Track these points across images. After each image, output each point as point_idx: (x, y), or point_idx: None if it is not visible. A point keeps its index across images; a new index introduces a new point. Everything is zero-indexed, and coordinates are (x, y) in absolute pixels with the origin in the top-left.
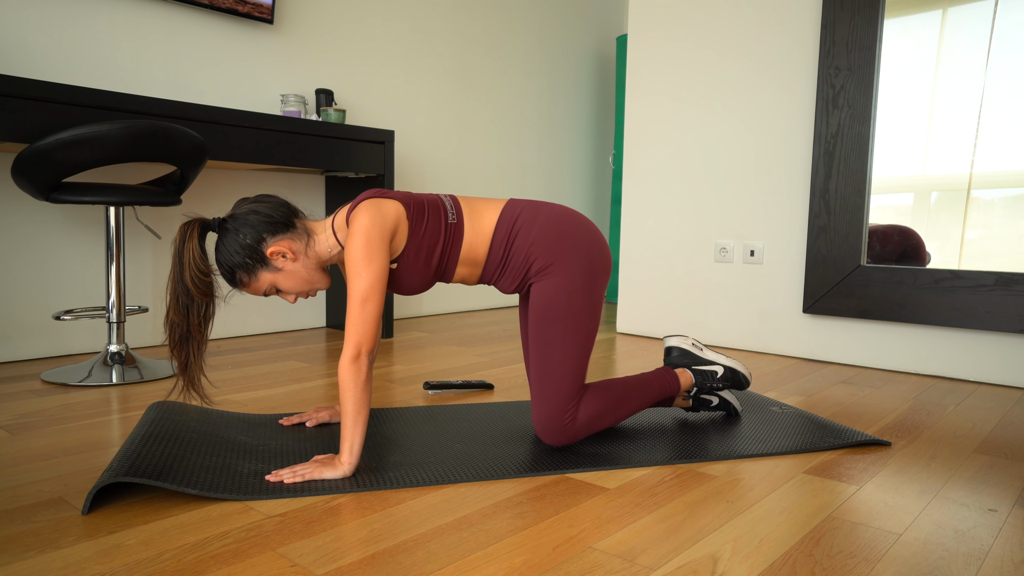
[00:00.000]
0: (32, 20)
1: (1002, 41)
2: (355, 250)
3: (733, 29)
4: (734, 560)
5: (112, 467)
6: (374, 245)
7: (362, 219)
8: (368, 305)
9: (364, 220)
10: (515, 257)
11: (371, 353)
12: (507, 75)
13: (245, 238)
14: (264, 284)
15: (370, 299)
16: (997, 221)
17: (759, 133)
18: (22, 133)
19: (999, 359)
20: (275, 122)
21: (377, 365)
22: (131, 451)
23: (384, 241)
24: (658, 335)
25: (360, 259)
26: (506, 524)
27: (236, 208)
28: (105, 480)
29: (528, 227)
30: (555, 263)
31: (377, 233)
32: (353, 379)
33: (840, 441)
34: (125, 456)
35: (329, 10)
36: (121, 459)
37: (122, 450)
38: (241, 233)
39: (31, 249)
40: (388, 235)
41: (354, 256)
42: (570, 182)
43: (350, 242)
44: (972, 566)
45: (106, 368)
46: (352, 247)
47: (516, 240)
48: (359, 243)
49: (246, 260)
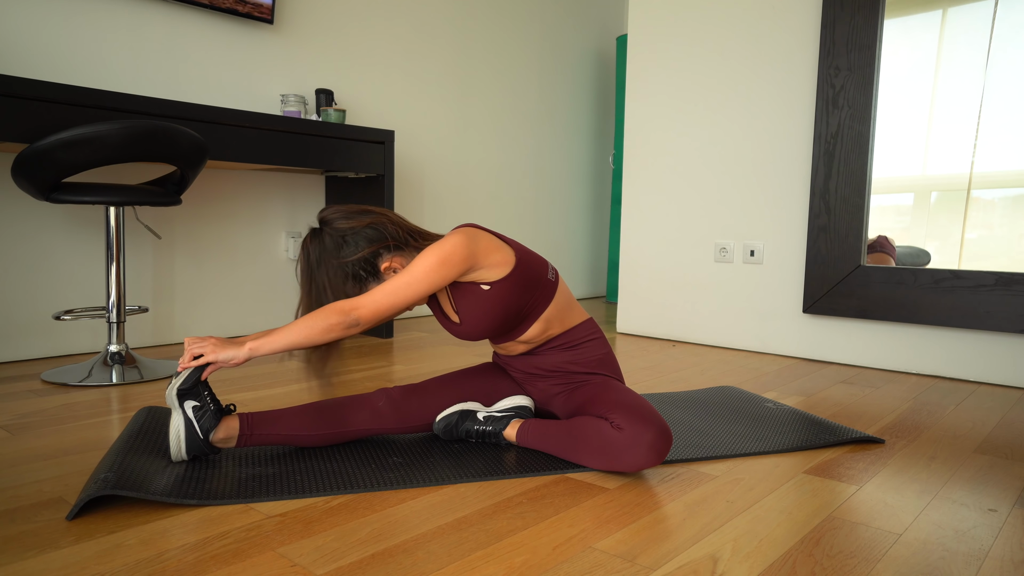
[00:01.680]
0: (32, 20)
1: (1002, 41)
2: (429, 256)
3: (733, 29)
4: (734, 560)
5: (103, 478)
6: (447, 264)
7: (455, 238)
8: (399, 294)
9: (455, 239)
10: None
11: (358, 324)
12: (507, 75)
13: (362, 251)
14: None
15: (406, 293)
16: (997, 221)
17: (759, 133)
18: (22, 133)
19: (999, 359)
20: (275, 122)
21: (377, 365)
22: (122, 462)
23: (456, 267)
24: (658, 335)
25: (427, 265)
26: (506, 524)
27: (355, 218)
28: (94, 493)
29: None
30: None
31: (459, 255)
32: (325, 318)
33: (836, 438)
34: (116, 466)
35: (329, 10)
36: (112, 468)
37: (112, 458)
38: (360, 246)
39: (31, 249)
40: (465, 264)
41: (425, 260)
42: (570, 182)
43: (432, 248)
44: (972, 566)
45: (106, 368)
46: (429, 253)
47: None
48: (436, 253)
49: (359, 272)
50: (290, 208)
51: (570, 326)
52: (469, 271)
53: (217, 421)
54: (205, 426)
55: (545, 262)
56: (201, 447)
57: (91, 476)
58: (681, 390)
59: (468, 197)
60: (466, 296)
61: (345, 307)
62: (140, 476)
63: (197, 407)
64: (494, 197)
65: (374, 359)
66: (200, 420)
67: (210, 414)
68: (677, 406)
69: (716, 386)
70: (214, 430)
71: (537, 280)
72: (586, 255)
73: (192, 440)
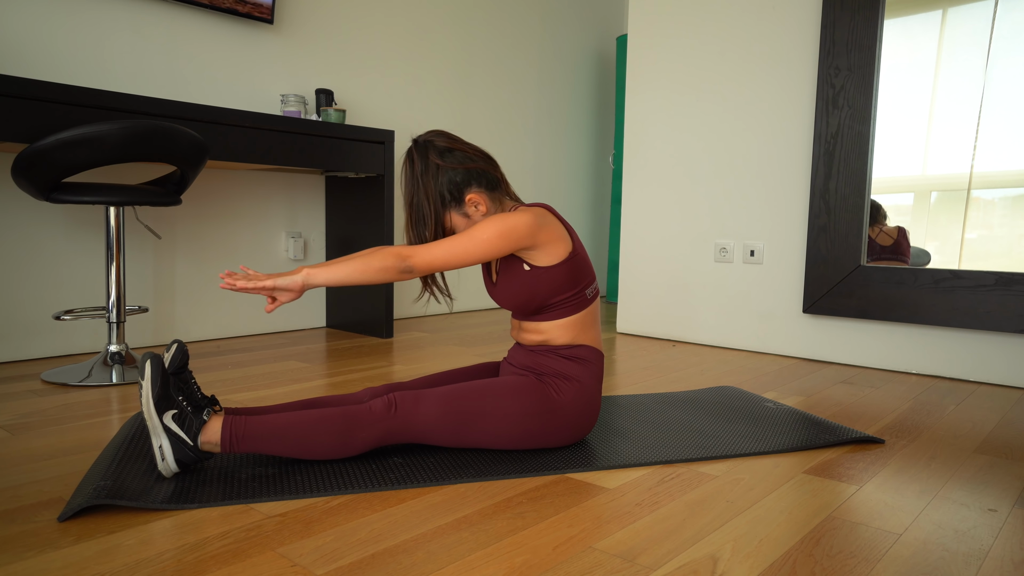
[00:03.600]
0: (32, 20)
1: (1002, 41)
2: (493, 225)
3: (733, 29)
4: (734, 560)
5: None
6: (507, 238)
7: (524, 216)
8: (455, 253)
9: (523, 217)
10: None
11: (411, 271)
12: (507, 75)
13: (455, 175)
14: (449, 223)
15: (461, 254)
16: (997, 221)
17: (759, 133)
18: (22, 133)
19: (999, 359)
20: (275, 122)
21: (377, 365)
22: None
23: (515, 243)
24: (658, 335)
25: (489, 233)
26: (506, 524)
27: (459, 143)
28: (90, 501)
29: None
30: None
31: (520, 233)
32: (382, 259)
33: (835, 438)
34: (112, 473)
35: (329, 10)
36: (107, 476)
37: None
38: (452, 172)
39: (31, 249)
40: (523, 243)
41: (488, 228)
42: (570, 182)
43: (498, 218)
44: (972, 566)
45: (106, 368)
46: (494, 221)
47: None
48: (500, 225)
49: (445, 192)
50: (290, 208)
51: (576, 343)
52: (524, 249)
53: (201, 421)
54: (192, 432)
55: (593, 277)
56: (192, 457)
57: (85, 478)
58: (681, 390)
59: None
60: (510, 267)
61: (403, 252)
62: (137, 482)
63: (176, 415)
64: None
65: (374, 359)
66: (185, 428)
67: (191, 417)
68: (677, 406)
69: (716, 386)
70: (200, 432)
71: (573, 284)
72: None
73: (181, 452)
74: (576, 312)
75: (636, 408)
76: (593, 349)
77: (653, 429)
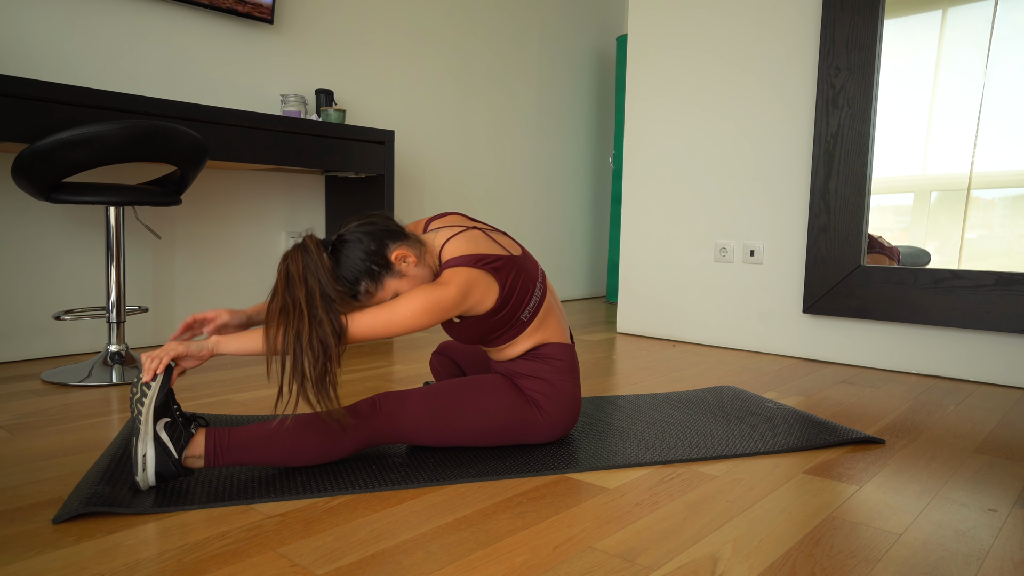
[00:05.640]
0: (32, 20)
1: (1002, 41)
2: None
3: (733, 29)
4: (734, 560)
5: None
6: (436, 310)
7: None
8: (377, 326)
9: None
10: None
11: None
12: (507, 75)
13: (369, 244)
14: (389, 293)
15: (385, 327)
16: (997, 221)
17: (759, 133)
18: (22, 133)
19: (999, 359)
20: (275, 122)
21: (377, 365)
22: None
23: (441, 317)
24: (658, 335)
25: (413, 308)
26: (506, 524)
27: (346, 227)
28: (87, 507)
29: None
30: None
31: (446, 307)
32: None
33: (835, 439)
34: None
35: (329, 10)
36: (105, 480)
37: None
38: (363, 241)
39: (31, 249)
40: (450, 315)
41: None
42: (570, 182)
43: (423, 290)
44: (972, 566)
45: (106, 368)
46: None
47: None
48: (424, 300)
49: (372, 267)
50: (290, 208)
51: (539, 343)
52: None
53: (189, 434)
54: (180, 445)
55: (535, 278)
56: (173, 472)
57: (83, 480)
58: (681, 390)
59: (468, 197)
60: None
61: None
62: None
63: (169, 424)
64: (494, 197)
65: (374, 359)
66: (174, 440)
67: (181, 429)
68: (677, 406)
69: (716, 386)
70: (186, 447)
71: (515, 311)
72: (586, 255)
73: (163, 466)
74: (530, 322)
75: (636, 408)
76: (557, 345)
77: (653, 429)
